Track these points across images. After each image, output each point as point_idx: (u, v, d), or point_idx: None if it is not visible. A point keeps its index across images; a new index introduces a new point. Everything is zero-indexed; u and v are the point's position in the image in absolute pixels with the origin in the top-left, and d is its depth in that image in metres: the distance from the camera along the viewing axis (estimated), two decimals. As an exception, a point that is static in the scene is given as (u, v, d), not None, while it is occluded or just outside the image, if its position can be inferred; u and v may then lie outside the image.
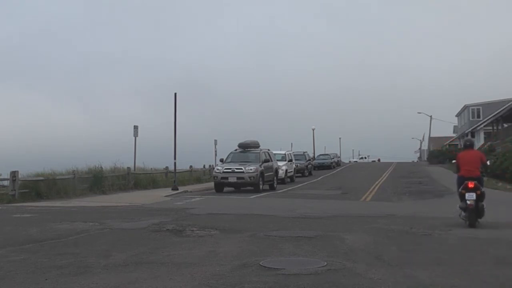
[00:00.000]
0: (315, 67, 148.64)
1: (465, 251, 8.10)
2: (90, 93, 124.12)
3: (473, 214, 10.90)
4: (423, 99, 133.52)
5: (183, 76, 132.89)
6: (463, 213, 11.24)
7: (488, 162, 13.12)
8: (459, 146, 62.11)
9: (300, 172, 38.24)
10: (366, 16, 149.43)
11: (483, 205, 11.01)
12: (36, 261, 6.99)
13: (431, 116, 75.47)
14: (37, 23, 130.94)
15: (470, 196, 10.91)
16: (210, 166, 37.17)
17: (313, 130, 68.00)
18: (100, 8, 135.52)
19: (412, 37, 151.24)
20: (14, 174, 18.53)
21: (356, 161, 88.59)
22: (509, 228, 11.41)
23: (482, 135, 53.56)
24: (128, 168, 26.01)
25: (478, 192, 10.97)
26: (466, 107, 59.33)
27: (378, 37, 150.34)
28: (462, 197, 11.16)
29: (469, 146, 12.22)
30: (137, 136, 28.70)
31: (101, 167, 23.85)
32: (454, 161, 13.78)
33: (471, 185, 11.01)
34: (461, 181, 11.36)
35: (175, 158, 26.33)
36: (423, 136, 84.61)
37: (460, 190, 11.31)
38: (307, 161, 41.65)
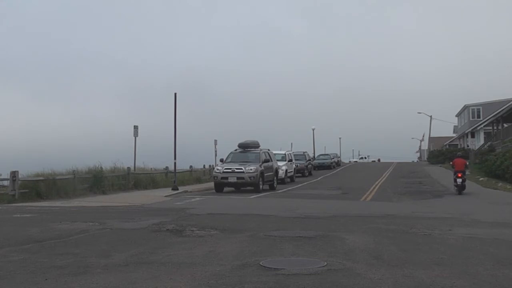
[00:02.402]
0: (315, 67, 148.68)
1: (465, 251, 8.10)
2: (90, 93, 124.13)
3: (460, 189, 22.58)
4: (423, 99, 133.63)
5: (183, 76, 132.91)
6: (455, 188, 22.82)
7: (467, 162, 25.15)
8: (459, 146, 62.17)
9: (300, 172, 38.24)
10: (366, 17, 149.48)
11: (465, 184, 22.70)
12: (36, 261, 6.99)
13: (431, 116, 75.56)
14: (36, 23, 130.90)
15: (459, 180, 22.60)
16: (210, 166, 37.16)
17: (313, 130, 68.09)
18: (101, 8, 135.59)
19: (412, 37, 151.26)
20: (14, 174, 18.54)
21: (356, 161, 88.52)
22: (509, 228, 11.42)
23: (482, 135, 53.55)
24: (128, 168, 26.01)
25: (463, 178, 22.60)
26: (466, 107, 59.35)
27: (378, 37, 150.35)
28: (455, 180, 22.82)
29: (461, 157, 25.15)
30: (137, 136, 28.71)
31: (101, 167, 23.85)
32: (451, 162, 25.10)
33: (459, 175, 22.64)
34: (455, 172, 23.14)
35: (175, 158, 26.36)
36: (423, 136, 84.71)
37: (454, 177, 23.13)
38: (307, 161, 41.64)
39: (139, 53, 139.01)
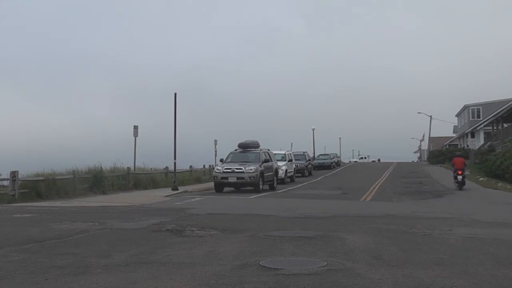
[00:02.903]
0: (315, 67, 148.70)
1: (465, 250, 8.10)
2: (90, 93, 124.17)
3: (461, 185, 24.63)
4: (423, 99, 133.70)
5: (183, 76, 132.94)
6: (456, 184, 24.94)
7: (466, 161, 27.99)
8: (459, 146, 62.20)
9: (300, 172, 38.24)
10: (366, 17, 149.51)
11: (465, 180, 24.88)
12: (36, 261, 6.99)
13: (431, 116, 75.54)
14: (36, 23, 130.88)
15: (459, 177, 24.73)
16: (210, 166, 37.16)
17: (313, 130, 68.09)
18: (101, 8, 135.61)
19: (412, 37, 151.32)
20: (14, 174, 18.54)
21: (356, 161, 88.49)
22: (509, 228, 11.43)
23: (482, 135, 53.54)
24: (128, 168, 26.01)
25: (463, 175, 24.79)
26: (466, 107, 59.34)
27: (378, 37, 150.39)
28: (456, 178, 25.02)
29: (460, 156, 27.50)
30: (137, 136, 28.72)
31: (101, 167, 23.84)
32: (451, 162, 27.99)
33: (460, 172, 24.78)
34: (455, 170, 25.33)
35: (175, 158, 26.36)
36: (423, 136, 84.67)
37: (454, 174, 25.42)
38: (307, 161, 41.63)
39: (139, 53, 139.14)
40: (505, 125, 42.91)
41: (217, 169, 24.94)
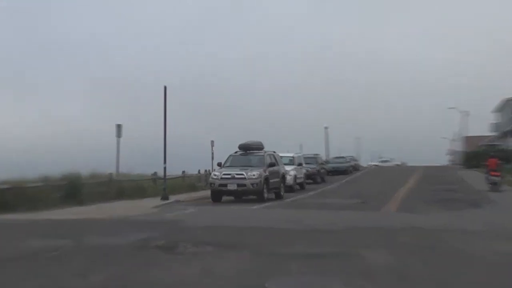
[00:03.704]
0: (324, 61, 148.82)
1: (507, 270, 8.03)
2: (64, 89, 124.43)
3: (494, 186, 27.57)
4: (452, 93, 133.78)
5: (182, 75, 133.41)
6: (489, 185, 27.87)
7: (500, 162, 30.43)
8: (498, 147, 62.04)
9: (311, 178, 38.25)
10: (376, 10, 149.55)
11: (498, 181, 27.57)
12: (0, 284, 6.96)
13: (466, 112, 75.26)
14: (34, 23, 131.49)
15: (493, 178, 28.04)
16: (206, 171, 37.11)
17: (325, 129, 68.09)
18: (100, 8, 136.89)
19: (436, 30, 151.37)
20: (-25, 181, 18.50)
21: (377, 165, 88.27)
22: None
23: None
24: (110, 174, 26.00)
25: (497, 175, 27.94)
26: (507, 102, 59.08)
27: (397, 31, 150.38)
28: (488, 179, 28.54)
29: (493, 157, 30.29)
30: (120, 136, 28.59)
31: (79, 173, 23.81)
32: (486, 163, 31.36)
33: (492, 173, 28.32)
34: (488, 171, 29.08)
35: (165, 162, 26.21)
36: (455, 136, 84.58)
37: (486, 175, 29.26)
38: (319, 165, 41.65)
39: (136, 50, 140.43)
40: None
41: (215, 175, 24.90)
